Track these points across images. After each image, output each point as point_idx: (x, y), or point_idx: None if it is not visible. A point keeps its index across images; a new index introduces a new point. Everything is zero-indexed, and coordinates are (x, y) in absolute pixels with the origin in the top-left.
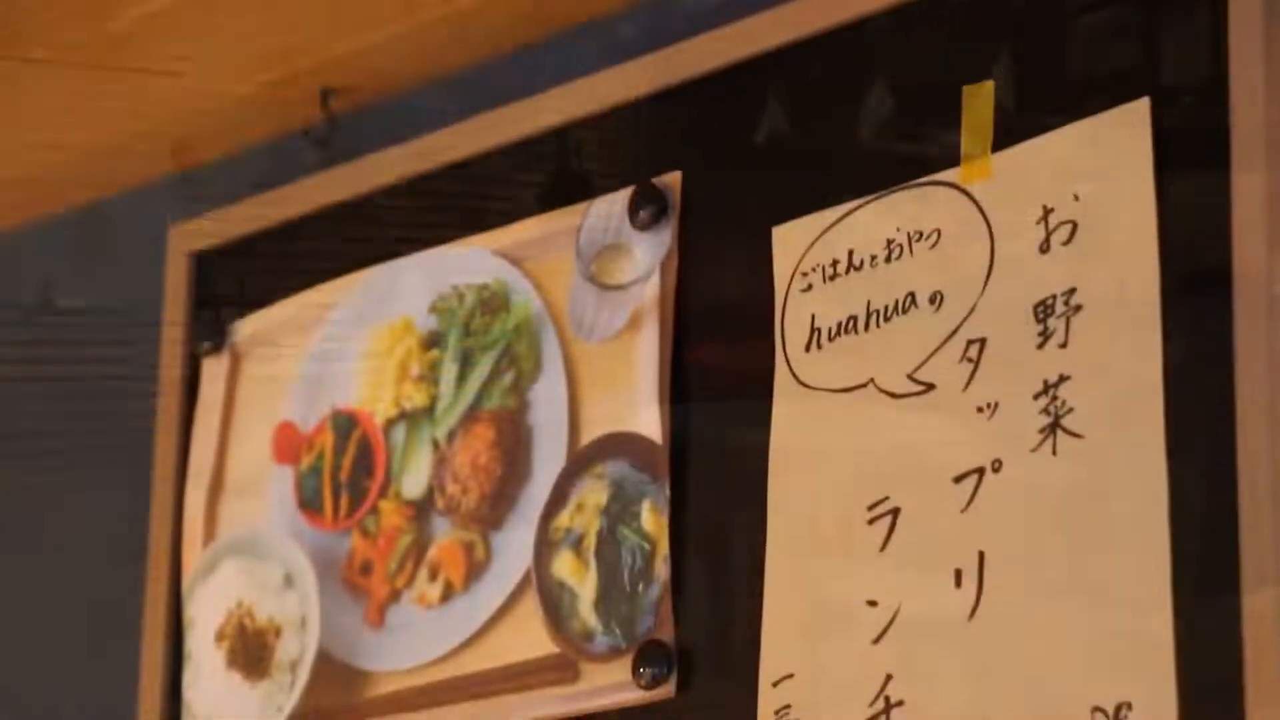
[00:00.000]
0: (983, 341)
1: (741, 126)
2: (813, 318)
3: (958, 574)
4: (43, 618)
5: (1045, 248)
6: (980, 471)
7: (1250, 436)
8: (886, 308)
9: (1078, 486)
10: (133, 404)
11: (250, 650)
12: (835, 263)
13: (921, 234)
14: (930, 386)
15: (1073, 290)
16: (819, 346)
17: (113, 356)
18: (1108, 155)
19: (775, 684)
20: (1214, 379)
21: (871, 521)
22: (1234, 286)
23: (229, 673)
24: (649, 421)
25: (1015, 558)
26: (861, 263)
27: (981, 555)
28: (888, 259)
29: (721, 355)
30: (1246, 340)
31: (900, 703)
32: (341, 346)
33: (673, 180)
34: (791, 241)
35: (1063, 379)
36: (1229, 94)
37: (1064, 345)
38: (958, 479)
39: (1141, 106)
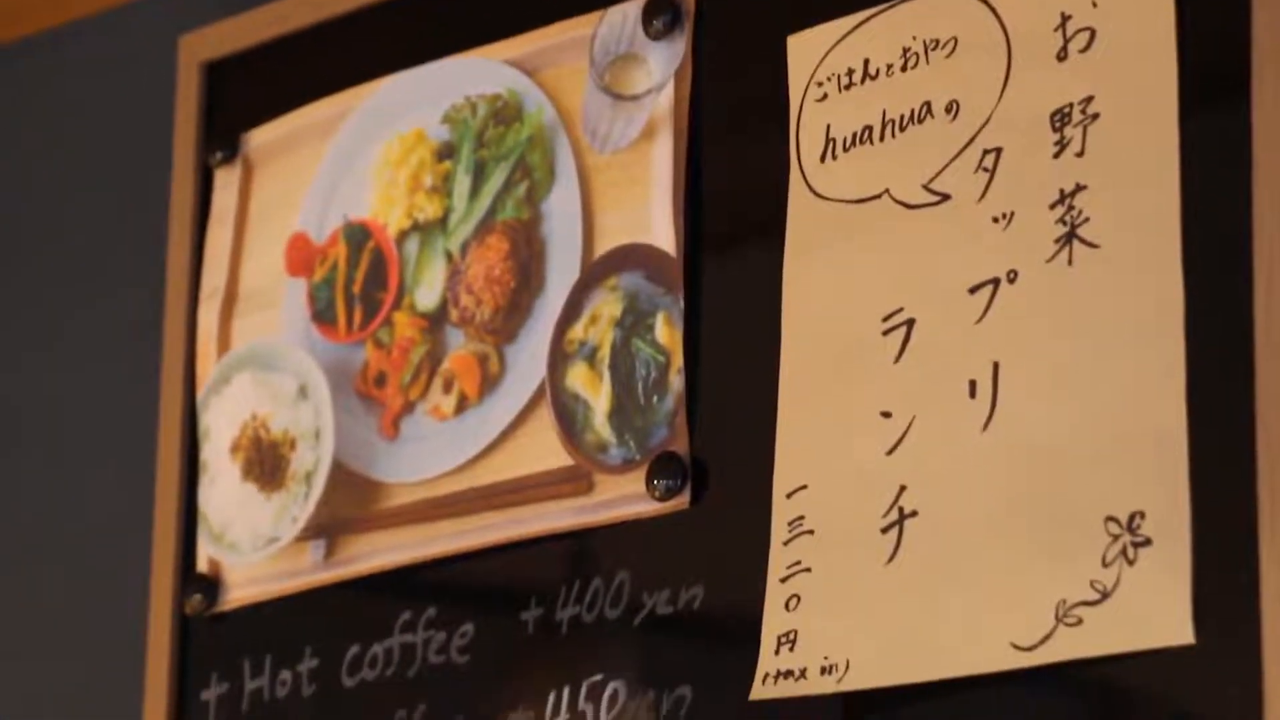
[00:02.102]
0: (998, 151)
1: None
2: (828, 128)
3: (972, 385)
4: (59, 430)
5: (1063, 55)
6: (995, 282)
7: (1267, 244)
8: (902, 117)
9: (1093, 296)
10: (145, 215)
11: (265, 462)
12: (851, 72)
13: (938, 42)
14: (945, 197)
15: (1090, 99)
16: (834, 157)
17: (124, 167)
18: None
19: (789, 495)
20: (1231, 186)
21: (886, 333)
22: (1252, 94)
23: (244, 484)
24: (663, 233)
25: (1030, 368)
26: (877, 72)
27: (996, 366)
28: (904, 68)
29: (736, 166)
30: (1264, 148)
31: (914, 513)
32: (353, 157)
33: None
34: (807, 50)
35: (1079, 188)
36: None
37: (1080, 154)
38: (973, 290)
39: None
